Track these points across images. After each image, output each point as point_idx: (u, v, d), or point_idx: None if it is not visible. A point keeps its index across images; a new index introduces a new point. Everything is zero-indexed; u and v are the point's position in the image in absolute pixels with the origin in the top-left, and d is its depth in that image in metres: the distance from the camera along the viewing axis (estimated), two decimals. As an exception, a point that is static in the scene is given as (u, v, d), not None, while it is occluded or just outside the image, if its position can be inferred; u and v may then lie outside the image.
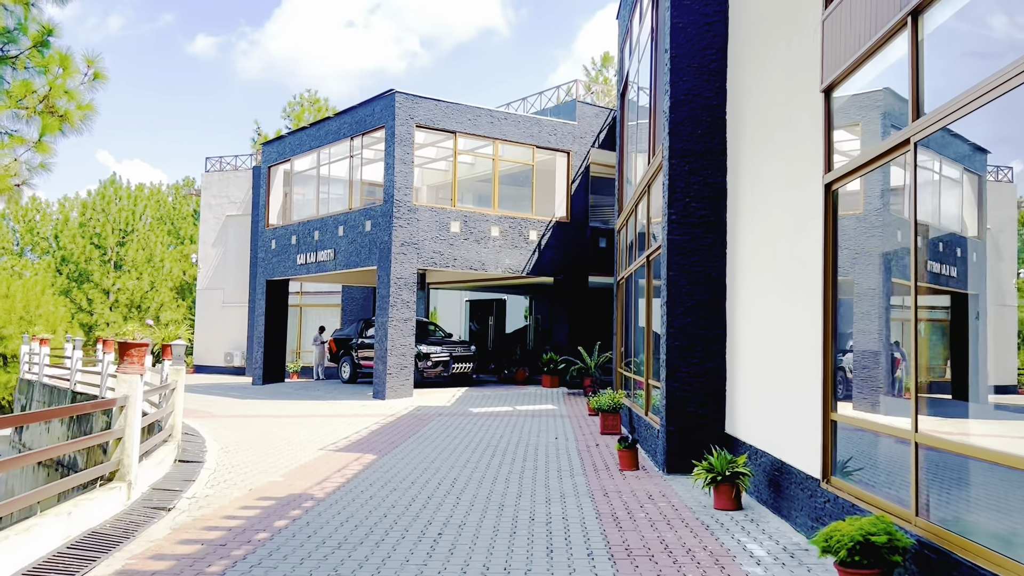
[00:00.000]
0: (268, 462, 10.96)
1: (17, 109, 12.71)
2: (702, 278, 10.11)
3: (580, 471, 10.32)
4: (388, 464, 10.81)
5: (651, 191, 12.35)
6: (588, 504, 8.30)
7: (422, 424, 15.33)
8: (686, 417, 9.99)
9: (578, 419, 16.21)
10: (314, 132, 24.65)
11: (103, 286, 47.64)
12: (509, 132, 22.62)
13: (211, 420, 16.24)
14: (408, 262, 20.67)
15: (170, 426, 10.99)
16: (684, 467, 9.95)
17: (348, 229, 22.42)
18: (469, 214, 21.87)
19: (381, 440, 13.21)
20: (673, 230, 10.16)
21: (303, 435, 13.88)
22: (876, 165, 5.79)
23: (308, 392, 22.83)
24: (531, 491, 9.00)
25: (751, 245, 8.98)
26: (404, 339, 20.60)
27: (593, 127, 24.23)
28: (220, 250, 34.80)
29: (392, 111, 20.85)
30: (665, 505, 8.22)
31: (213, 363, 34.28)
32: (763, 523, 7.46)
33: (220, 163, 35.50)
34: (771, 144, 8.29)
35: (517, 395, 20.98)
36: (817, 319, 6.71)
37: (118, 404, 7.87)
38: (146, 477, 8.60)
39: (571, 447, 12.46)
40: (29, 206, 59.04)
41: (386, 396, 20.09)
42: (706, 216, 10.17)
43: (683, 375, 10.04)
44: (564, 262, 23.38)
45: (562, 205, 23.77)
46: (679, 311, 10.09)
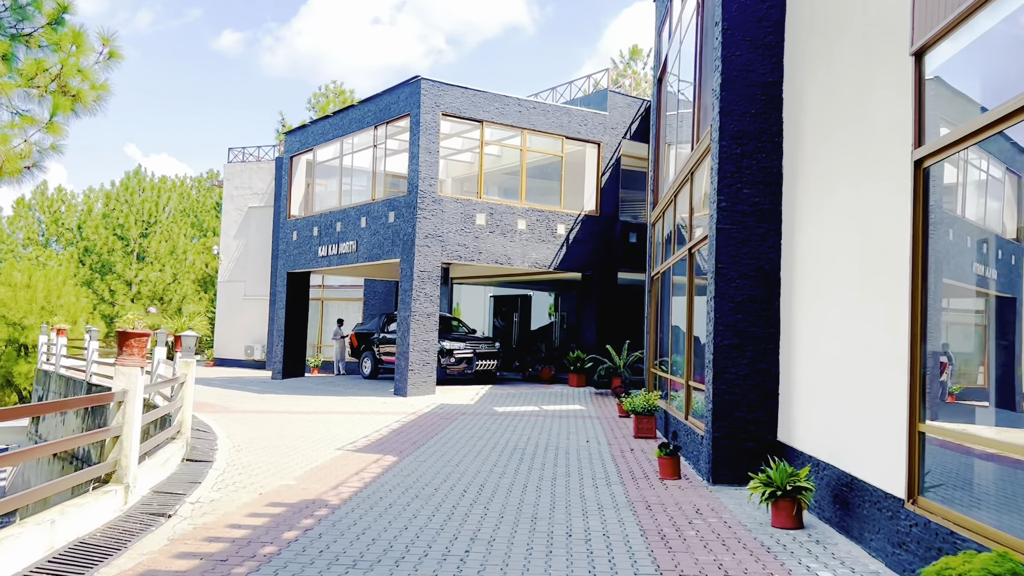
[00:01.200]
0: (281, 463, 10.25)
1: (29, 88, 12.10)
2: (754, 271, 9.26)
3: (617, 479, 9.51)
4: (409, 467, 10.06)
5: (694, 178, 11.50)
6: (630, 518, 7.49)
7: (445, 423, 14.58)
8: (734, 423, 9.15)
9: (608, 421, 15.39)
10: (337, 121, 23.98)
11: (125, 277, 47.41)
12: (538, 122, 21.81)
13: (226, 415, 15.60)
14: (432, 255, 19.93)
15: (179, 422, 10.31)
16: (732, 477, 9.11)
17: (371, 220, 21.72)
18: (495, 206, 21.10)
19: (402, 440, 12.48)
20: (723, 218, 9.31)
21: (320, 433, 13.18)
22: (987, 135, 4.93)
23: (328, 388, 22.18)
24: (565, 501, 8.20)
25: (813, 235, 8.13)
26: (427, 334, 19.87)
27: (625, 117, 23.36)
28: (242, 242, 34.29)
29: (417, 98, 20.12)
30: (716, 521, 7.39)
31: (234, 356, 33.78)
32: (831, 545, 6.62)
33: (243, 154, 34.99)
34: (839, 121, 7.43)
35: (543, 394, 20.19)
36: (902, 316, 5.86)
37: (115, 399, 7.17)
38: (147, 479, 7.91)
39: (604, 452, 11.65)
40: (55, 197, 59.11)
41: (407, 393, 19.38)
42: (759, 204, 9.31)
43: (731, 377, 9.19)
44: (593, 257, 22.55)
45: (592, 198, 22.93)
46: (728, 307, 9.25)
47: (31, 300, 36.45)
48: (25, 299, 36.43)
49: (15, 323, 36.09)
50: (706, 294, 9.98)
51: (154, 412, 8.85)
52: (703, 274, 11.13)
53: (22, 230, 57.70)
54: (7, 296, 36.32)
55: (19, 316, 35.97)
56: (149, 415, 8.74)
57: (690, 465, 10.36)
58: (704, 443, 9.59)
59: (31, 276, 37.33)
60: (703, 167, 10.80)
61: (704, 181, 10.74)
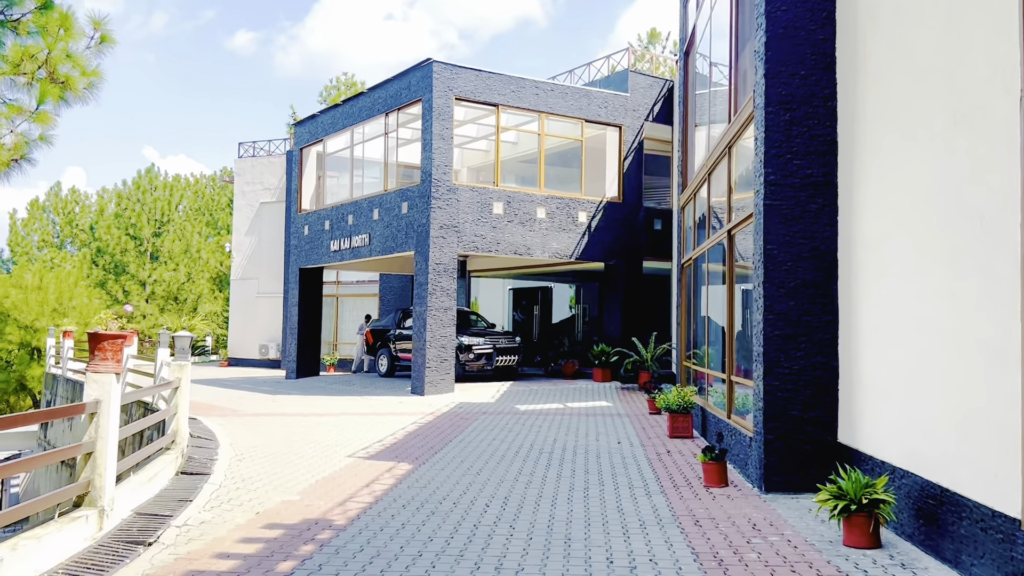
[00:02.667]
0: (286, 474, 9.34)
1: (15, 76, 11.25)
2: (807, 252, 8.23)
3: (656, 487, 8.53)
4: (425, 477, 9.12)
5: (732, 153, 10.47)
6: (678, 537, 6.50)
7: (464, 424, 13.64)
8: (788, 423, 8.14)
9: (639, 419, 14.40)
10: (347, 109, 23.06)
11: (139, 277, 46.85)
12: (556, 105, 20.78)
13: (234, 419, 14.74)
14: (448, 246, 18.98)
15: (173, 431, 9.43)
16: (787, 484, 8.10)
17: (384, 212, 20.80)
18: (513, 194, 20.11)
19: (418, 444, 11.55)
20: (771, 194, 8.29)
21: (331, 438, 12.28)
22: None
23: (343, 387, 21.31)
24: (601, 516, 7.23)
25: (880, 208, 7.09)
26: (444, 330, 18.94)
27: (647, 99, 22.28)
28: (254, 239, 33.51)
29: (429, 83, 19.15)
30: (779, 540, 6.40)
31: (248, 356, 33.04)
32: (920, 571, 5.61)
33: (253, 148, 34.19)
34: (914, 74, 6.39)
35: (567, 390, 19.22)
36: (1011, 298, 4.84)
37: (87, 411, 6.27)
38: (129, 499, 7.01)
39: (638, 454, 10.66)
40: (68, 198, 58.71)
41: (425, 392, 18.46)
42: (812, 176, 8.28)
43: (784, 371, 8.18)
44: (616, 246, 21.51)
45: (613, 184, 21.89)
46: (779, 293, 8.23)
47: (43, 302, 35.86)
48: (37, 301, 35.85)
49: (27, 326, 35.52)
50: (751, 280, 8.97)
51: (139, 423, 7.96)
52: (743, 259, 10.11)
53: (37, 232, 57.37)
54: (19, 299, 35.75)
55: (31, 319, 35.40)
56: (133, 426, 7.85)
57: (736, 470, 9.35)
58: (754, 446, 8.58)
59: (42, 278, 36.73)
60: (743, 140, 9.77)
61: (744, 156, 9.71)
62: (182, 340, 9.93)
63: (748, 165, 9.82)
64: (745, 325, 10.17)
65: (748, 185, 9.91)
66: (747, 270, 10.01)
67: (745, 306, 10.19)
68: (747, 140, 9.80)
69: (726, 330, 10.50)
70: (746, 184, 10.02)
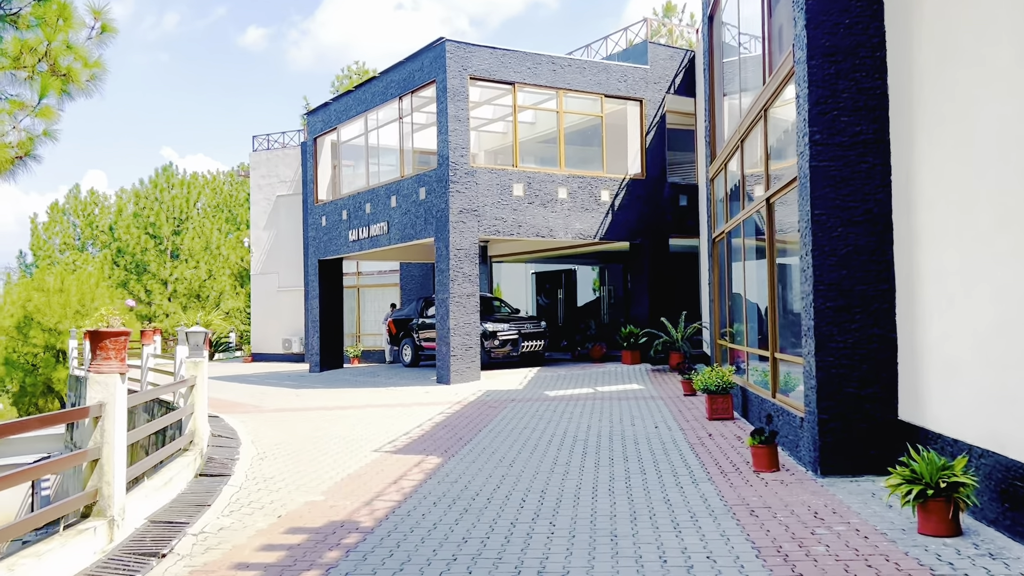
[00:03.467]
0: (309, 472, 8.88)
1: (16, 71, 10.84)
2: (859, 216, 7.62)
3: (703, 474, 7.98)
4: (455, 471, 8.63)
5: (768, 116, 9.84)
6: (734, 530, 5.96)
7: (493, 413, 13.15)
8: (845, 401, 7.55)
9: (673, 401, 13.84)
10: (360, 95, 22.53)
11: (160, 276, 46.77)
12: (574, 80, 20.13)
13: (256, 416, 14.35)
14: (468, 231, 18.45)
15: (190, 432, 8.99)
16: (845, 467, 7.52)
17: (401, 199, 20.29)
18: (533, 175, 19.52)
19: (446, 435, 11.06)
20: (818, 154, 7.67)
21: (356, 432, 11.83)
22: None
23: (368, 379, 20.89)
24: (648, 509, 6.70)
25: (946, 161, 6.47)
26: (467, 317, 18.44)
27: (667, 71, 21.57)
28: (272, 232, 33.18)
29: (443, 63, 18.58)
30: (846, 530, 5.83)
31: (272, 351, 32.77)
32: (1012, 561, 5.03)
33: (267, 141, 33.81)
34: (985, 12, 5.75)
35: (596, 374, 18.67)
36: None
37: (91, 415, 5.82)
38: (143, 506, 6.57)
39: (678, 438, 10.11)
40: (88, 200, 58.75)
41: (451, 380, 17.99)
42: (861, 133, 7.64)
43: (838, 346, 7.58)
44: (641, 224, 20.87)
45: (636, 160, 21.23)
46: (829, 262, 7.62)
47: (65, 304, 35.80)
48: (59, 304, 35.79)
49: (51, 329, 35.48)
50: (793, 250, 8.37)
51: (148, 425, 7.51)
52: (784, 230, 9.51)
53: (58, 235, 57.48)
54: (41, 302, 35.71)
55: (54, 321, 35.35)
56: (142, 429, 7.40)
57: (787, 453, 8.77)
58: (806, 426, 8.00)
59: (63, 280, 36.66)
60: (783, 99, 9.14)
61: (783, 118, 9.09)
62: (195, 336, 9.48)
63: (786, 128, 9.20)
64: (789, 299, 9.57)
65: (786, 151, 9.29)
66: (788, 241, 9.40)
67: (788, 279, 9.59)
68: (784, 103, 9.17)
69: (768, 305, 9.89)
70: (784, 150, 9.40)
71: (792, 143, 8.68)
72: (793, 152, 8.62)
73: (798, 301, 8.78)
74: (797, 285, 8.92)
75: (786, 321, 9.54)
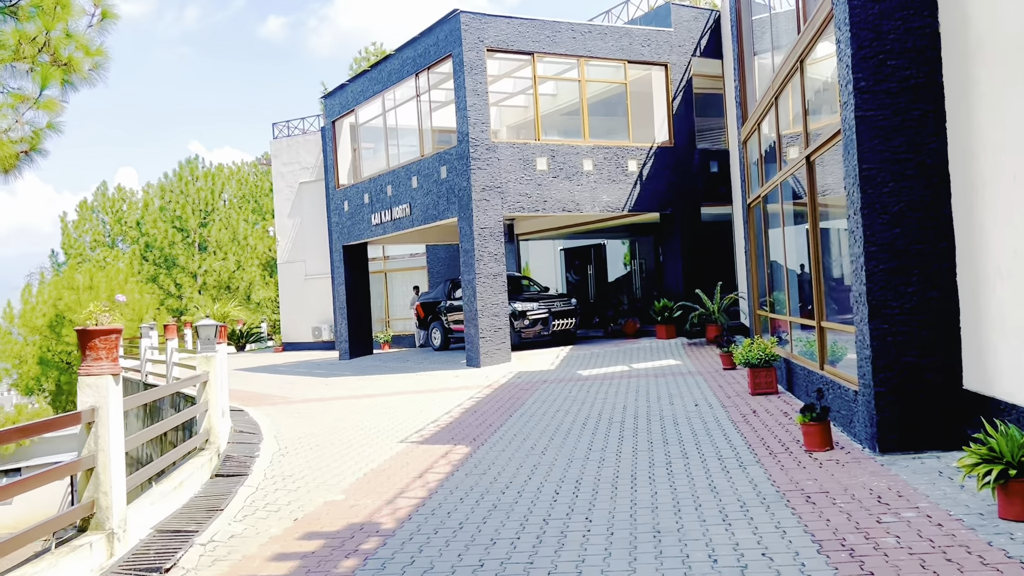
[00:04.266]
0: (331, 468, 8.44)
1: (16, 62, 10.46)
2: (912, 169, 6.94)
3: (750, 456, 7.40)
4: (485, 461, 8.13)
5: (805, 68, 9.13)
6: (790, 520, 5.39)
7: (524, 396, 12.64)
8: (902, 371, 6.92)
9: (712, 376, 13.22)
10: (375, 75, 21.98)
11: (189, 269, 46.83)
12: (595, 47, 19.40)
13: (283, 407, 13.98)
14: (491, 209, 17.88)
15: (205, 430, 8.59)
16: (906, 442, 6.90)
17: (422, 179, 19.76)
18: (557, 147, 18.87)
19: (475, 422, 10.58)
20: (864, 103, 6.99)
21: (383, 421, 11.39)
22: None
23: (397, 364, 20.50)
24: (692, 498, 6.14)
25: (1015, 102, 5.78)
26: (495, 297, 17.91)
27: (692, 33, 20.74)
28: (296, 220, 32.85)
29: (458, 35, 17.95)
30: (916, 517, 5.23)
31: (302, 339, 32.54)
32: (1115, 550, 4.41)
33: (288, 128, 33.42)
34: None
35: (630, 351, 18.08)
36: None
37: (83, 420, 5.38)
38: (148, 514, 6.15)
39: (720, 417, 9.52)
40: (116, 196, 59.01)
41: (481, 363, 17.51)
42: (911, 77, 6.95)
43: (893, 311, 6.94)
44: (670, 194, 20.15)
45: (663, 127, 20.47)
46: (881, 220, 6.96)
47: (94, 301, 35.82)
48: (89, 301, 35.81)
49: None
50: (839, 211, 7.71)
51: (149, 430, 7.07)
52: (826, 189, 8.84)
53: (88, 233, 57.84)
54: (72, 300, 35.82)
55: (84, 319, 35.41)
56: (145, 433, 6.98)
57: (839, 429, 8.14)
58: (860, 400, 7.37)
59: (92, 278, 36.76)
60: (823, 45, 8.44)
61: (823, 69, 8.40)
62: (206, 329, 9.05)
63: (825, 81, 8.51)
64: (835, 263, 8.92)
65: (824, 106, 8.60)
66: (831, 202, 8.73)
67: (833, 242, 8.93)
68: (823, 51, 8.47)
69: (812, 271, 9.23)
70: (823, 105, 8.71)
71: (831, 98, 8.00)
72: (832, 107, 7.95)
73: (846, 265, 8.13)
74: (844, 248, 8.28)
75: (832, 287, 8.89)
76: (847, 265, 7.89)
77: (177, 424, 8.07)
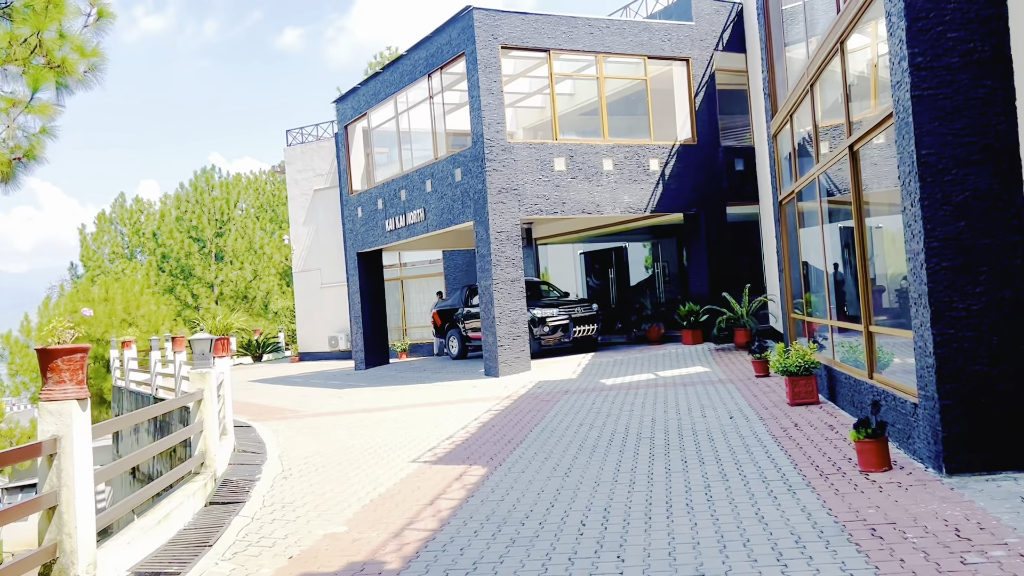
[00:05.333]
0: (336, 493, 7.76)
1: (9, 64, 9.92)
2: (977, 154, 6.17)
3: (798, 478, 6.63)
4: (503, 484, 7.42)
5: (846, 49, 8.37)
6: (856, 560, 4.63)
7: (545, 408, 11.92)
8: (972, 381, 6.14)
9: (745, 384, 12.45)
10: (387, 77, 21.38)
11: (206, 279, 46.49)
12: (613, 43, 18.68)
13: (294, 422, 13.35)
14: (508, 212, 17.19)
15: (201, 453, 7.94)
16: (978, 463, 6.12)
17: (436, 182, 19.11)
18: (575, 147, 18.16)
19: (493, 438, 9.87)
20: (922, 81, 6.23)
21: (396, 437, 10.71)
22: None
23: (413, 374, 19.83)
24: (738, 531, 5.39)
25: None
26: (513, 303, 17.21)
27: (714, 26, 19.97)
28: (311, 228, 32.34)
29: (471, 33, 17.30)
30: (1007, 557, 4.46)
31: (319, 349, 31.98)
32: None
33: (302, 135, 32.94)
34: None
35: (655, 358, 17.30)
36: None
37: (44, 452, 4.73)
38: (124, 555, 5.49)
39: (759, 431, 8.75)
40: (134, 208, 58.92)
41: (499, 373, 16.80)
42: (975, 51, 6.18)
43: (959, 314, 6.16)
44: (694, 194, 19.37)
45: (686, 125, 19.70)
46: (943, 212, 6.20)
47: (111, 314, 35.54)
48: (104, 313, 35.54)
49: (98, 339, 35.24)
50: (900, 200, 6.95)
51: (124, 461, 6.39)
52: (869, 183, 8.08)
53: (107, 244, 57.74)
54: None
55: (101, 331, 35.10)
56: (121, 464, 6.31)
57: (895, 445, 7.35)
58: (921, 414, 6.59)
59: (108, 289, 36.42)
60: (867, 23, 7.68)
61: (868, 48, 7.64)
62: (200, 344, 8.40)
63: (869, 62, 7.76)
64: (884, 261, 8.14)
65: (868, 92, 7.85)
66: (877, 195, 7.97)
67: (881, 238, 8.16)
68: (873, 24, 7.72)
69: (858, 270, 8.45)
70: (867, 91, 7.95)
71: (877, 82, 7.25)
72: (880, 92, 7.20)
73: (894, 264, 7.37)
74: (893, 244, 7.51)
75: (882, 288, 8.11)
76: (896, 263, 7.12)
77: (166, 448, 7.41)
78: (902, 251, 6.84)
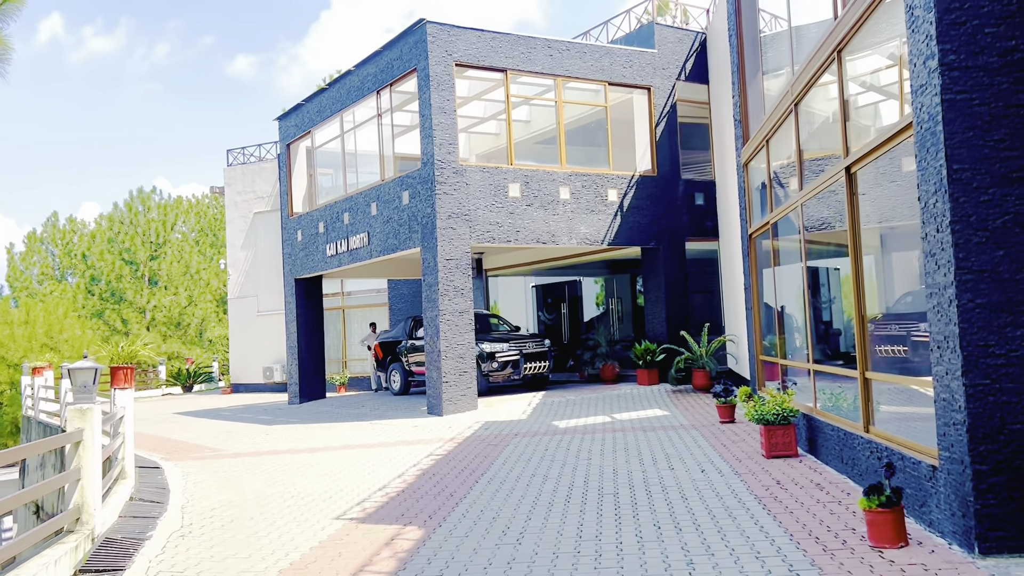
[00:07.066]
0: (239, 559, 6.40)
1: None
2: (1019, 171, 5.22)
3: (798, 554, 5.51)
4: (442, 554, 6.15)
5: (843, 59, 7.45)
6: None
7: (493, 453, 10.68)
8: (1011, 442, 5.12)
9: (711, 431, 11.39)
10: (334, 93, 20.17)
11: (138, 304, 44.25)
12: (573, 67, 17.80)
13: (211, 463, 11.87)
14: (458, 238, 16.03)
15: (76, 506, 6.52)
16: (1017, 540, 5.07)
17: (382, 205, 17.89)
18: (531, 173, 17.14)
19: (433, 490, 8.59)
20: (954, 83, 5.27)
21: (321, 486, 9.36)
22: None
23: (350, 411, 18.38)
24: (739, 630, 4.23)
25: None
26: (461, 336, 15.98)
27: (677, 55, 19.25)
28: (250, 252, 30.75)
29: (424, 48, 16.24)
30: None
31: (252, 380, 30.22)
32: None
33: (243, 155, 31.45)
34: None
35: (610, 398, 16.20)
36: None
37: None
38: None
39: (738, 489, 7.65)
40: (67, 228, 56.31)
41: (444, 411, 15.50)
42: (1016, 49, 5.26)
43: (997, 362, 5.15)
44: (653, 227, 18.47)
45: (646, 156, 18.85)
46: (978, 239, 5.21)
47: (30, 337, 33.28)
48: (24, 336, 33.28)
49: (15, 364, 32.92)
50: (920, 226, 5.97)
51: None
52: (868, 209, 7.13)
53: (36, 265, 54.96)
54: (4, 335, 33.19)
55: (19, 356, 32.79)
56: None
57: (915, 518, 6.27)
58: (944, 479, 5.54)
59: (29, 312, 34.20)
60: (872, 27, 6.76)
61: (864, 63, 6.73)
62: (82, 374, 7.02)
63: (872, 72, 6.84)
64: (884, 298, 7.16)
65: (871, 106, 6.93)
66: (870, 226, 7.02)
67: (882, 272, 7.19)
68: (883, 22, 6.81)
69: (854, 305, 7.46)
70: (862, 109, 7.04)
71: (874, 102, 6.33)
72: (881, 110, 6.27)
73: (889, 301, 6.38)
74: (897, 278, 6.54)
75: (881, 327, 7.12)
76: (921, 300, 6.13)
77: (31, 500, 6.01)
78: (907, 286, 5.87)
